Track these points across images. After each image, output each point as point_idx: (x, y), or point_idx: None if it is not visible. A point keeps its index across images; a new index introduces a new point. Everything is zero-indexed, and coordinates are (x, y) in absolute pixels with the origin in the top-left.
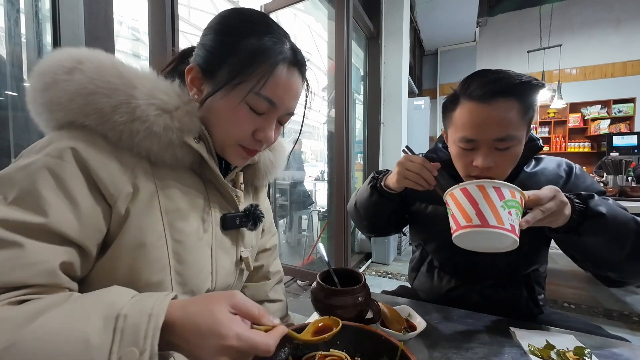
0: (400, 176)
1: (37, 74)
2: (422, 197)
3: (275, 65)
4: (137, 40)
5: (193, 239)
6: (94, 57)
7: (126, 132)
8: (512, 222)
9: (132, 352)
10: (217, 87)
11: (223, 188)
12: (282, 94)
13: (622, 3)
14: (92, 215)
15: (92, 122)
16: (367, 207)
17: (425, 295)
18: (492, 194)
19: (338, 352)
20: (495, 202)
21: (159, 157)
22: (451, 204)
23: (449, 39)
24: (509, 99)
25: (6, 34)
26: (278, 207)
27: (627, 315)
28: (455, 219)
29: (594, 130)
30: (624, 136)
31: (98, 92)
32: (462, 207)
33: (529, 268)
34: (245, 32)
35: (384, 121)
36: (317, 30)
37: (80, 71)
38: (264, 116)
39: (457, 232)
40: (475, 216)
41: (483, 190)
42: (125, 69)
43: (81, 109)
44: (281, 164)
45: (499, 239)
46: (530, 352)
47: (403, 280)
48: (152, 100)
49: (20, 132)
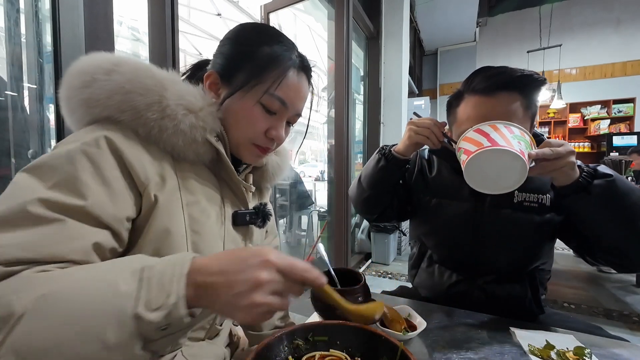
0: (411, 132)
1: (76, 73)
2: (425, 190)
3: (287, 69)
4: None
5: (209, 231)
6: (130, 60)
7: (156, 128)
8: (521, 149)
9: (157, 297)
10: (236, 88)
11: (236, 185)
12: (292, 95)
13: (622, 3)
14: (125, 200)
15: (126, 118)
16: (373, 175)
17: (426, 292)
18: (503, 129)
19: (338, 352)
20: (505, 134)
21: (182, 152)
22: (463, 145)
23: (449, 39)
24: (512, 93)
25: (6, 34)
26: (278, 207)
27: (627, 315)
28: (466, 149)
29: (593, 131)
30: (623, 136)
31: (134, 92)
32: (474, 140)
33: (532, 264)
34: (259, 42)
35: (384, 121)
36: (317, 30)
37: (118, 73)
38: (276, 116)
39: (468, 158)
40: (486, 141)
41: (494, 126)
42: (157, 72)
43: (118, 106)
44: (287, 166)
45: (508, 160)
46: (530, 352)
47: (403, 280)
48: (180, 101)
49: (20, 132)
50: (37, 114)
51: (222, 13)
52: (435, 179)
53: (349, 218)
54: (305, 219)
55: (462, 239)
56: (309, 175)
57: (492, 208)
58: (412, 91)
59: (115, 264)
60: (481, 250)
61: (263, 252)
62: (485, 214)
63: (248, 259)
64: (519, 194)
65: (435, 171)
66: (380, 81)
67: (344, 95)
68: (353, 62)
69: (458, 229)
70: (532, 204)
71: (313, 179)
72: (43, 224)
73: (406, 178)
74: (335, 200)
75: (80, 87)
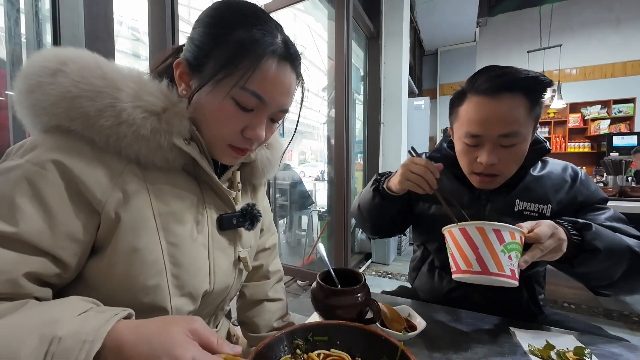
0: (403, 177)
1: (22, 76)
2: (425, 198)
3: (262, 58)
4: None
5: (188, 241)
6: (78, 57)
7: (113, 136)
8: (512, 267)
9: None
10: (203, 82)
11: (218, 188)
12: (271, 88)
13: (622, 3)
14: (70, 224)
15: (77, 127)
16: (370, 210)
17: (425, 295)
18: (492, 238)
19: (339, 352)
20: (495, 247)
21: (148, 160)
22: (450, 243)
23: (449, 39)
24: (516, 94)
25: (6, 34)
26: (278, 207)
27: (627, 315)
28: (455, 260)
29: (594, 131)
30: (624, 136)
31: (82, 96)
32: (462, 250)
33: (530, 270)
34: (234, 24)
35: (384, 121)
36: (317, 30)
37: (63, 73)
38: (253, 113)
39: (458, 274)
40: (475, 262)
41: (483, 233)
42: (109, 70)
43: (66, 114)
44: (278, 161)
45: (499, 284)
46: (530, 352)
47: (403, 280)
48: (138, 103)
49: (20, 132)
50: None
51: None
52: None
53: (349, 218)
54: (305, 219)
55: None
56: (309, 175)
57: (492, 215)
58: (412, 91)
59: (29, 319)
60: None
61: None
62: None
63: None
64: (520, 203)
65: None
66: (380, 81)
67: (344, 95)
68: (353, 62)
69: None
70: (533, 213)
71: (313, 179)
72: None
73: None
74: (335, 200)
75: (26, 91)
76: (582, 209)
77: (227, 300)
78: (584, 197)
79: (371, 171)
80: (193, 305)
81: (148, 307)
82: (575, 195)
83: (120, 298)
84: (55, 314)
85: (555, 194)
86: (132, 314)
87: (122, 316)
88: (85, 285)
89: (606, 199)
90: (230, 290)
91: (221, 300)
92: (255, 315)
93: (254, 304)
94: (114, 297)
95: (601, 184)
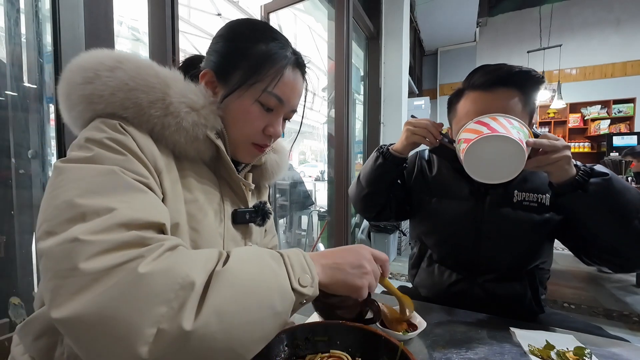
0: (409, 132)
1: (77, 69)
2: (426, 190)
3: (284, 67)
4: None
5: (208, 229)
6: (133, 57)
7: (159, 125)
8: (519, 137)
9: (305, 277)
10: (234, 87)
11: (235, 184)
12: (289, 92)
13: (622, 3)
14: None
15: (130, 115)
16: (371, 173)
17: (426, 291)
18: (502, 120)
19: (339, 352)
20: (505, 124)
21: (183, 150)
22: (463, 135)
23: (449, 39)
24: (510, 88)
25: (6, 34)
26: (278, 207)
27: (627, 315)
28: (467, 139)
29: (594, 131)
30: (623, 136)
31: (137, 89)
32: (474, 129)
33: (532, 263)
34: (254, 39)
35: (384, 121)
36: (317, 30)
37: (121, 69)
38: (273, 113)
39: (468, 145)
40: (485, 129)
41: (494, 118)
42: (160, 70)
43: (122, 103)
44: (285, 164)
45: (507, 147)
46: (530, 352)
47: (403, 280)
48: (183, 99)
49: (20, 132)
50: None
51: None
52: (435, 178)
53: (349, 218)
54: (305, 219)
55: (462, 237)
56: (309, 175)
57: (492, 207)
58: (412, 91)
59: (249, 252)
60: (481, 248)
61: (363, 248)
62: (485, 213)
63: (351, 248)
64: (519, 194)
65: (435, 171)
66: (380, 81)
67: (344, 95)
68: (353, 62)
69: (459, 227)
70: (532, 203)
71: (313, 179)
72: (136, 192)
73: (405, 179)
74: (335, 200)
75: (81, 83)
76: None
77: None
78: None
79: None
80: None
81: None
82: None
83: None
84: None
85: None
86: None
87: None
88: None
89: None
90: None
91: None
92: None
93: None
94: None
95: None
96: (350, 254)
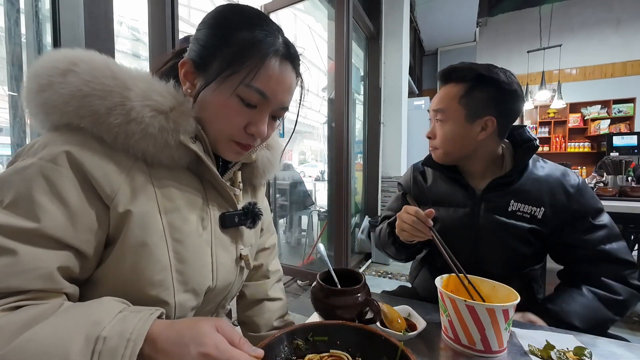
0: (398, 229)
1: (33, 75)
2: (423, 200)
3: (266, 57)
4: (137, 40)
5: (192, 237)
6: (88, 58)
7: (122, 134)
8: (507, 339)
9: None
10: (210, 79)
11: (221, 187)
12: (274, 86)
13: (622, 3)
14: (87, 217)
15: (87, 124)
16: (389, 250)
17: (426, 294)
18: (500, 317)
19: (339, 352)
20: (500, 326)
21: (155, 158)
22: (450, 310)
23: (449, 39)
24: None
25: (6, 34)
26: (278, 207)
27: (627, 316)
28: (455, 331)
29: (594, 131)
30: (623, 136)
31: (92, 95)
32: (466, 326)
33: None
34: (238, 26)
35: (384, 121)
36: (317, 30)
37: (74, 73)
38: (256, 110)
39: (457, 345)
40: (479, 341)
41: (492, 314)
42: (119, 70)
43: (77, 112)
44: (278, 162)
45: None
46: (530, 352)
47: (403, 280)
48: (146, 102)
49: (20, 132)
50: None
51: None
52: (431, 188)
53: (349, 218)
54: (305, 219)
55: (461, 243)
56: (309, 175)
57: (487, 213)
58: (412, 91)
59: (72, 320)
60: (478, 253)
61: (205, 340)
62: (481, 219)
63: (190, 346)
64: (515, 204)
65: (431, 180)
66: (380, 81)
67: (344, 95)
68: (353, 62)
69: (457, 233)
70: (525, 214)
71: (313, 179)
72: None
73: None
74: (335, 200)
75: (36, 90)
76: (575, 219)
77: (229, 298)
78: (579, 206)
79: (371, 171)
80: (196, 301)
81: (152, 301)
82: (571, 203)
83: (126, 292)
84: (95, 314)
85: (551, 198)
86: (164, 312)
87: (157, 315)
88: (90, 283)
89: (601, 209)
90: (232, 288)
91: (223, 298)
92: (256, 315)
93: (254, 303)
94: (119, 292)
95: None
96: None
